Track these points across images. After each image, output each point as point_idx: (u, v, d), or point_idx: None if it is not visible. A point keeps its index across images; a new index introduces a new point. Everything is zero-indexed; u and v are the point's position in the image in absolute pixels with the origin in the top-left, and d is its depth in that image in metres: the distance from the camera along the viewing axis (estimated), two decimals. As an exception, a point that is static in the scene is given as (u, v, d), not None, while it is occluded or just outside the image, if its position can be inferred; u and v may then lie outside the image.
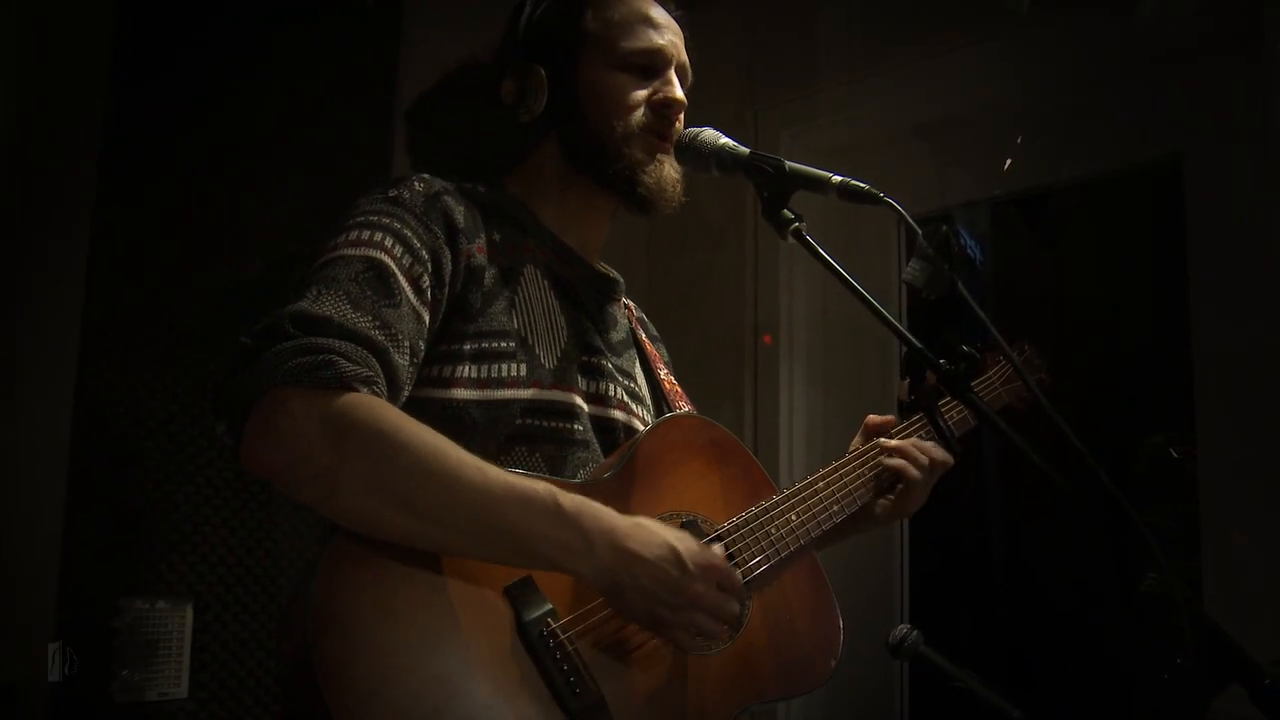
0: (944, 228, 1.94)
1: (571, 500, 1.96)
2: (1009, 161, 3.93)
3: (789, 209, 2.14)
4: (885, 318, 1.99)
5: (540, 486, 1.96)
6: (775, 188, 2.16)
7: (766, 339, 4.25)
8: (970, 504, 4.51)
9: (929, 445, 2.62)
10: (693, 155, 2.36)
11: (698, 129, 2.37)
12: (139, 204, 3.10)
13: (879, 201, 2.01)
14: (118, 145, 3.07)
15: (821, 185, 2.10)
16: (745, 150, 2.27)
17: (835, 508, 2.47)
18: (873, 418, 2.71)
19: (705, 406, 2.67)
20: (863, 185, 2.05)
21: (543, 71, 2.43)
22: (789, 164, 2.15)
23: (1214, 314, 3.48)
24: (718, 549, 2.16)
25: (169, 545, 3.07)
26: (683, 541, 2.03)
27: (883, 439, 2.62)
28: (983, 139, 4.06)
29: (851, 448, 2.66)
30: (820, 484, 2.48)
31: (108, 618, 2.96)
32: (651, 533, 2.01)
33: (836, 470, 2.53)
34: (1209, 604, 3.27)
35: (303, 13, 3.46)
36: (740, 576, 2.14)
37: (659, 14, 2.50)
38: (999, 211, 4.33)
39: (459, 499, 1.90)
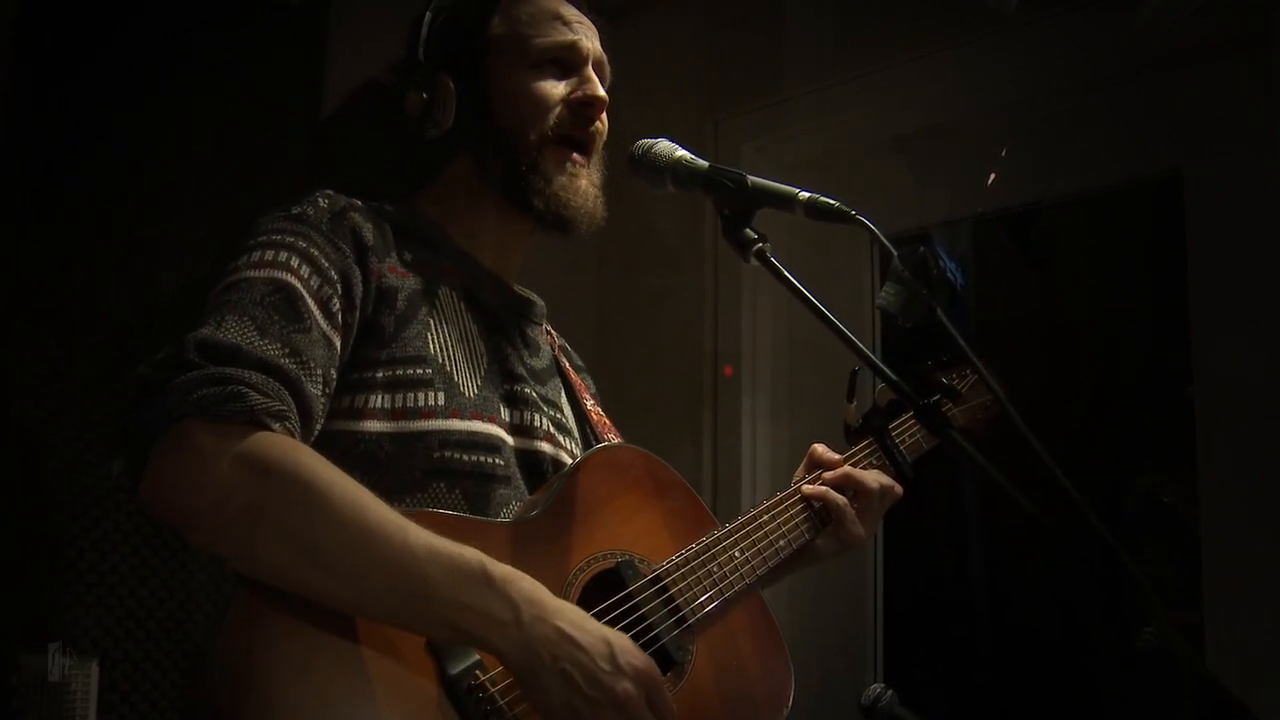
0: (922, 248, 1.94)
1: (501, 570, 1.93)
2: (993, 176, 3.94)
3: (752, 228, 2.13)
4: (857, 347, 1.98)
5: (468, 552, 1.93)
6: (737, 205, 2.15)
7: (727, 370, 4.25)
8: (949, 550, 4.51)
9: (865, 475, 2.62)
10: (647, 169, 2.33)
11: (652, 140, 2.34)
12: (40, 221, 3.08)
13: (850, 220, 2.00)
14: (17, 156, 3.05)
15: (787, 202, 2.09)
16: (704, 164, 2.25)
17: (781, 542, 2.48)
18: (818, 448, 2.70)
19: (660, 443, 2.66)
20: (833, 202, 2.04)
21: (450, 82, 2.44)
22: (752, 179, 2.14)
23: (1216, 340, 3.49)
24: (649, 661, 2.04)
25: (73, 596, 3.04)
26: (619, 638, 1.99)
27: (805, 485, 2.61)
28: (965, 151, 4.08)
29: (795, 478, 2.67)
30: (765, 517, 2.49)
31: (6, 675, 2.93)
32: (586, 619, 1.98)
33: (781, 502, 2.55)
34: (1211, 659, 3.27)
35: (221, 11, 3.44)
36: (674, 707, 2.03)
37: (569, 10, 2.52)
38: (982, 230, 4.33)
39: (377, 557, 1.88)
